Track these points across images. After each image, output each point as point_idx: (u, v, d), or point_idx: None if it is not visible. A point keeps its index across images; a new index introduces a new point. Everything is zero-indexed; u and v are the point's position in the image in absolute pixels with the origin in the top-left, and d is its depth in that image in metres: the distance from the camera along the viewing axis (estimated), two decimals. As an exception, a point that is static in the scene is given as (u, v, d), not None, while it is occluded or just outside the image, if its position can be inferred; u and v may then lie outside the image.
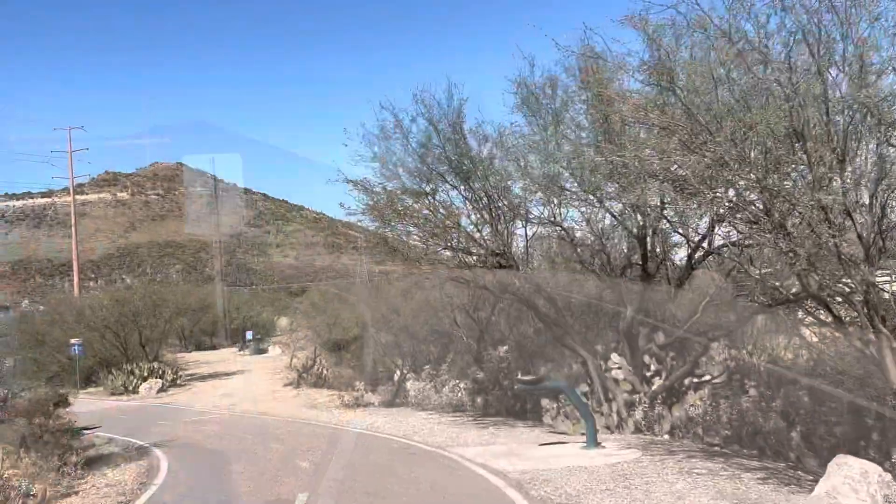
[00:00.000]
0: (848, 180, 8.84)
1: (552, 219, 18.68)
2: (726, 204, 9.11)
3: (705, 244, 16.82)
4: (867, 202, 9.12)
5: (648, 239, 17.17)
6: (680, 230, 15.46)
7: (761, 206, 9.35)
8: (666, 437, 16.50)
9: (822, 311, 11.67)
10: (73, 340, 39.37)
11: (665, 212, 15.82)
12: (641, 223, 16.67)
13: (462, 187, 17.58)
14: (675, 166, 9.16)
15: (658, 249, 17.73)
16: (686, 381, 17.75)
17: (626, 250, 19.64)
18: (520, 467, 12.77)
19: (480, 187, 17.29)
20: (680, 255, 18.90)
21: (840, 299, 10.27)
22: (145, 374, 38.78)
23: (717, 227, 16.31)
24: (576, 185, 17.21)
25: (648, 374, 18.00)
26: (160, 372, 39.32)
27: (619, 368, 17.90)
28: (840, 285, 9.92)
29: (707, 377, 18.41)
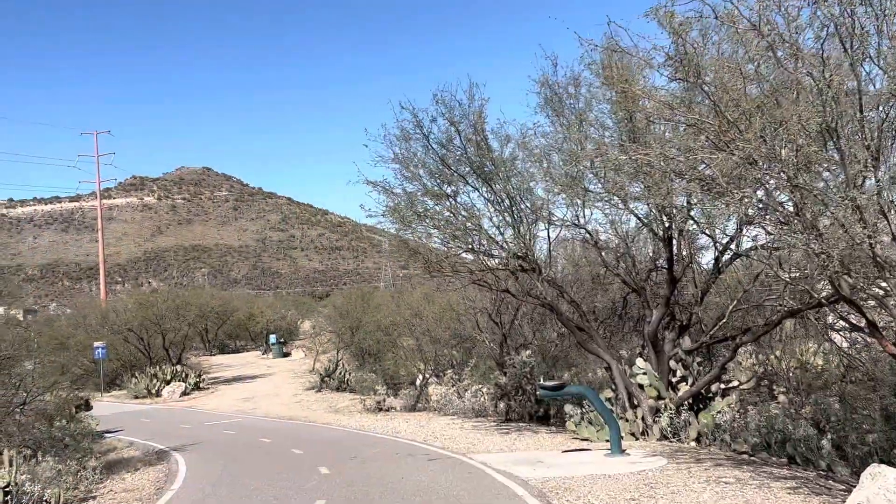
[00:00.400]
0: (883, 179, 8.47)
1: (575, 221, 18.39)
2: (756, 204, 8.78)
3: (732, 246, 16.45)
4: (903, 202, 8.76)
5: (674, 241, 16.80)
6: (707, 231, 15.07)
7: (792, 207, 9.02)
8: (692, 444, 16.12)
9: (854, 316, 11.30)
10: (96, 343, 39.56)
11: (692, 213, 15.51)
12: (667, 225, 16.32)
13: (483, 189, 17.32)
14: (703, 165, 8.85)
15: (684, 252, 17.35)
16: (713, 387, 17.37)
17: (651, 253, 19.30)
18: (542, 475, 12.48)
19: (502, 189, 17.03)
20: (706, 259, 18.53)
21: (874, 303, 9.90)
22: (168, 377, 38.89)
23: (744, 229, 15.97)
24: (599, 186, 16.91)
25: (674, 379, 17.64)
26: (183, 375, 39.42)
27: (645, 374, 17.54)
28: (874, 288, 9.56)
29: (735, 383, 18.03)
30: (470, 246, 17.47)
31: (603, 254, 19.22)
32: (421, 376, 28.45)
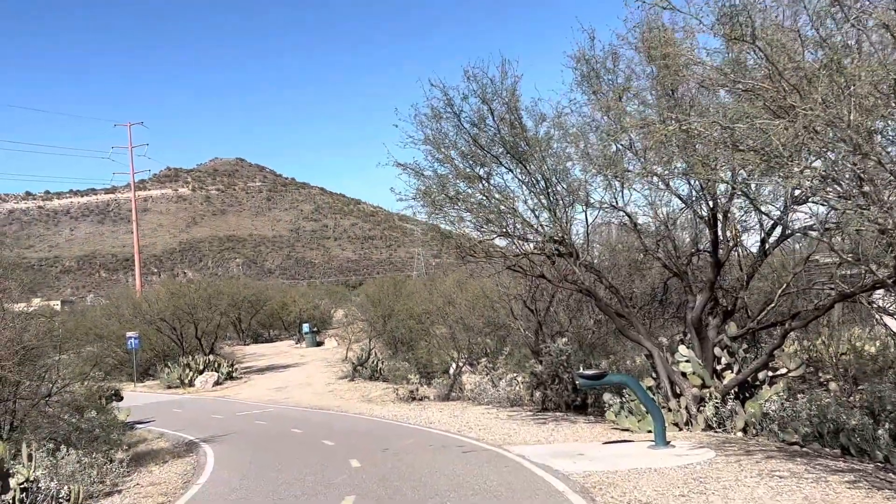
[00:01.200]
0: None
1: (613, 203, 17.66)
2: (817, 176, 8.03)
3: (779, 228, 15.65)
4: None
5: (719, 223, 15.99)
6: (759, 207, 14.22)
7: (856, 179, 8.25)
8: (739, 434, 15.37)
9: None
10: (129, 334, 39.53)
11: (738, 190, 14.75)
12: (712, 205, 15.53)
13: (518, 170, 16.64)
14: (758, 135, 8.10)
15: (729, 234, 16.53)
16: (760, 375, 16.57)
17: (693, 236, 18.52)
18: (583, 468, 11.83)
19: (537, 170, 16.33)
20: (752, 241, 17.69)
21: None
22: (201, 367, 38.74)
23: (791, 210, 15.19)
24: (639, 165, 16.18)
25: (719, 367, 16.86)
26: (216, 365, 39.26)
27: (688, 361, 16.80)
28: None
29: (783, 370, 17.19)
30: (504, 230, 16.80)
31: (642, 237, 18.45)
32: (454, 365, 27.89)
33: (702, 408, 16.26)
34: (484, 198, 16.72)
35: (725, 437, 14.78)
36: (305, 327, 57.58)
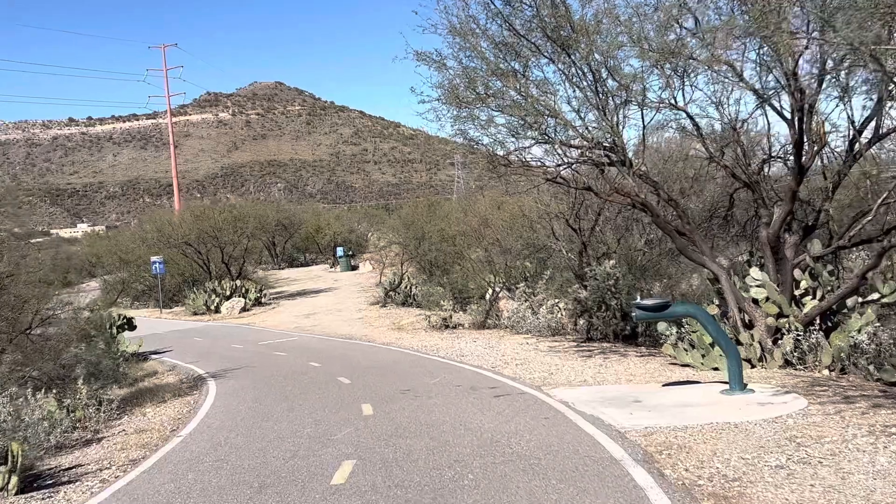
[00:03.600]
0: None
1: (672, 102, 14.89)
2: None
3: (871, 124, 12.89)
4: None
5: (804, 119, 13.19)
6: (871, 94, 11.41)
7: None
8: (826, 372, 12.89)
9: None
10: (153, 258, 37.87)
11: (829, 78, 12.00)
12: (798, 96, 12.72)
13: (561, 61, 13.89)
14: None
15: (814, 133, 13.73)
16: (849, 302, 13.97)
17: (766, 139, 15.78)
18: (643, 423, 9.46)
19: (583, 60, 13.58)
20: (839, 144, 14.87)
21: None
22: (228, 292, 37.02)
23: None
24: (706, 52, 13.38)
25: (798, 292, 14.29)
26: (243, 290, 37.48)
27: (761, 286, 14.25)
28: None
29: (875, 296, 14.54)
30: (544, 134, 14.18)
31: (706, 141, 15.73)
32: (490, 290, 25.58)
33: (778, 341, 13.78)
34: (520, 96, 14.05)
35: (810, 377, 12.31)
36: (339, 251, 55.65)
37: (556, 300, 22.46)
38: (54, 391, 13.99)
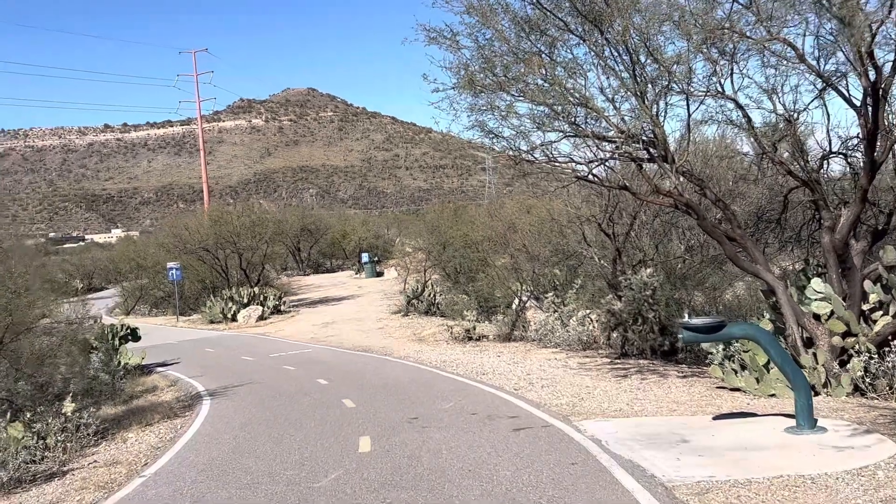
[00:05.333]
0: None
1: (719, 90, 13.07)
2: None
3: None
4: None
5: (879, 107, 11.29)
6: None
7: None
8: (904, 403, 10.98)
9: None
10: (170, 264, 36.53)
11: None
12: (873, 77, 10.84)
13: (592, 41, 12.11)
14: None
15: (887, 123, 11.83)
16: (929, 319, 12.03)
17: (825, 132, 13.89)
18: (694, 473, 7.62)
19: (619, 38, 11.78)
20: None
21: None
22: (245, 300, 35.55)
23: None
24: (762, 29, 11.57)
25: (867, 307, 12.38)
26: (261, 298, 35.99)
27: (824, 299, 12.35)
28: None
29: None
30: (574, 124, 12.41)
31: (758, 136, 13.87)
32: (517, 299, 23.80)
33: (846, 364, 11.88)
34: (547, 82, 12.29)
35: (890, 410, 10.37)
36: (364, 257, 54.11)
37: (588, 311, 20.63)
38: (29, 414, 12.54)
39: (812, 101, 12.85)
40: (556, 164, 13.77)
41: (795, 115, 13.56)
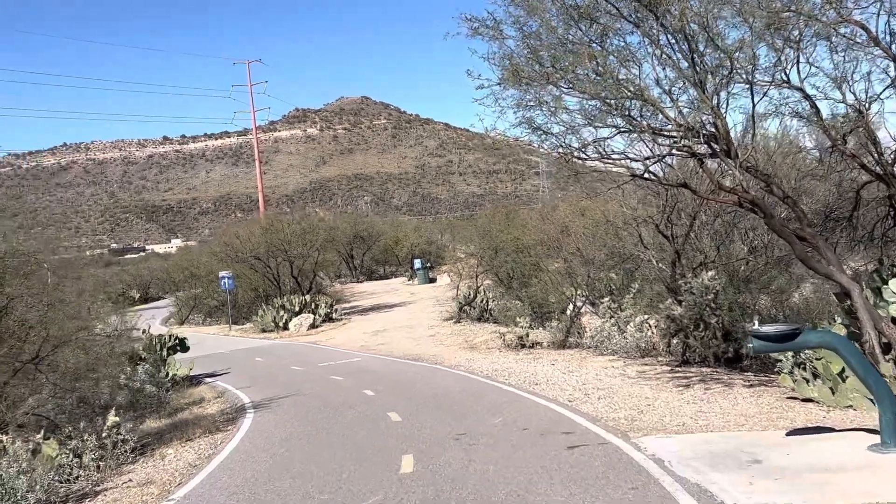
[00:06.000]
0: None
1: (784, 79, 12.17)
2: None
3: None
4: None
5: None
6: None
7: None
8: None
9: None
10: (221, 273, 36.52)
11: None
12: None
13: (647, 27, 11.32)
14: None
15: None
16: None
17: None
18: (772, 501, 6.79)
19: (676, 24, 10.98)
20: None
21: None
22: (297, 308, 35.29)
23: None
24: (832, 10, 10.68)
25: (953, 311, 11.35)
26: (313, 306, 35.71)
27: (906, 303, 11.36)
28: None
29: None
30: (629, 117, 11.63)
31: (827, 128, 12.92)
32: (571, 305, 22.96)
33: (932, 373, 10.87)
34: (599, 75, 11.53)
35: None
36: (417, 263, 53.64)
37: (646, 316, 19.71)
38: (68, 430, 12.18)
39: (884, 89, 11.85)
40: (610, 160, 12.99)
41: (867, 105, 12.60)
